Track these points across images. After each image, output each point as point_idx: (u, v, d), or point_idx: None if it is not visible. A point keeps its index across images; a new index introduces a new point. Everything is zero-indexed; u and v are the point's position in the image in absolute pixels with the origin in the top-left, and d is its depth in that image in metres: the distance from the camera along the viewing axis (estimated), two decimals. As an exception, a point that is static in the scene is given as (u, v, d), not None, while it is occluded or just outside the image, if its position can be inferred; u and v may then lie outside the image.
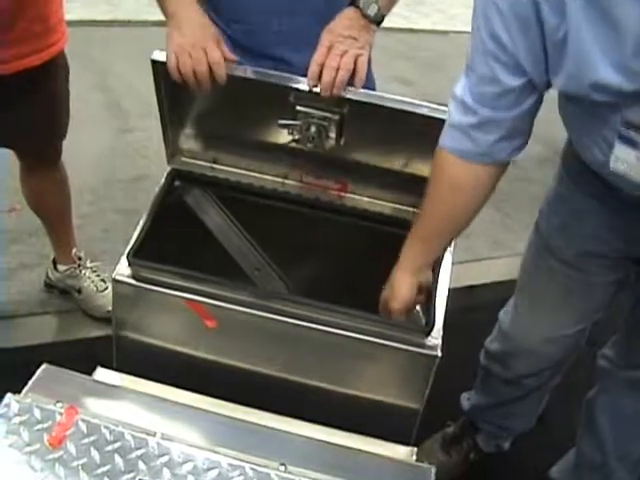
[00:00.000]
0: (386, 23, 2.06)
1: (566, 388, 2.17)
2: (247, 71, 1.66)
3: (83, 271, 2.81)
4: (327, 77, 1.61)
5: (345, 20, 1.70)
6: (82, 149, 3.34)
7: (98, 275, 2.81)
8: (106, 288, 2.78)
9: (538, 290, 1.90)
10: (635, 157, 1.33)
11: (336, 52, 1.66)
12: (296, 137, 1.74)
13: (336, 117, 1.68)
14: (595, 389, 2.03)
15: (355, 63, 1.66)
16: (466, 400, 2.32)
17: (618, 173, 1.38)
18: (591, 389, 2.05)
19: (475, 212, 1.58)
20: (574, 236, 1.74)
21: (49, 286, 2.90)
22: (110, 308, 2.59)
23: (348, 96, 1.62)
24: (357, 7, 1.71)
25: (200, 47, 1.63)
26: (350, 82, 1.66)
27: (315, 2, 1.80)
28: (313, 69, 1.63)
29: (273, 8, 1.80)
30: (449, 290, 1.76)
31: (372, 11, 1.72)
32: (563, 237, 1.77)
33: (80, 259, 2.81)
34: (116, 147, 4.01)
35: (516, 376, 2.04)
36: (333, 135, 1.71)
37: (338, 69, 1.63)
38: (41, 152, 2.49)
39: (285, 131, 1.74)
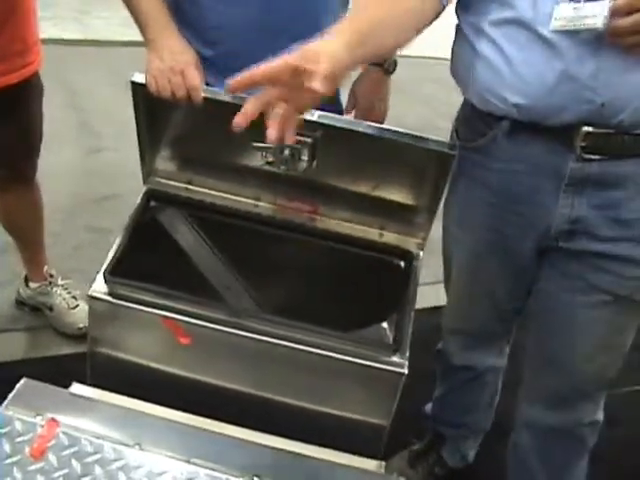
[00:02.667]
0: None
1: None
2: (224, 95, 1.71)
3: (54, 288, 2.82)
4: None
5: (372, 83, 2.21)
6: (53, 168, 3.35)
7: (69, 292, 2.83)
8: (77, 305, 2.79)
9: None
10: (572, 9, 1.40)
11: (372, 118, 2.13)
12: (269, 160, 1.77)
13: (309, 140, 1.71)
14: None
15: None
16: (428, 405, 2.39)
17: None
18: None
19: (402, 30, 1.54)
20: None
21: (20, 303, 2.91)
22: (81, 325, 2.66)
23: (321, 120, 1.67)
24: (381, 68, 2.17)
25: (179, 71, 1.68)
26: None
27: (298, 25, 1.85)
28: None
29: (257, 30, 1.85)
30: (415, 310, 1.81)
31: (392, 67, 2.18)
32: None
33: (52, 276, 2.83)
34: (87, 166, 4.03)
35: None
36: (306, 158, 1.74)
37: None
38: (16, 170, 2.51)
39: (259, 154, 1.78)
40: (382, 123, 2.28)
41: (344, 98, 2.22)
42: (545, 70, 1.46)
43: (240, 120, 1.29)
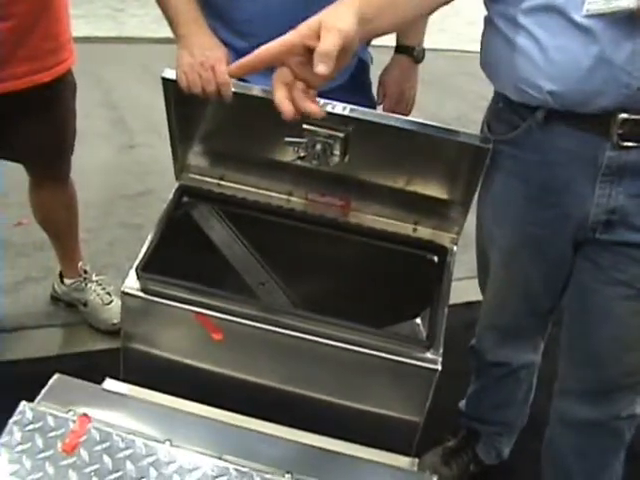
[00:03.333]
0: (388, 42, 2.13)
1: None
2: (254, 89, 1.70)
3: (89, 284, 2.84)
4: None
5: (402, 71, 2.24)
6: (87, 165, 3.37)
7: (103, 288, 2.84)
8: (111, 301, 2.81)
9: None
10: None
11: (401, 107, 2.26)
12: (302, 155, 1.76)
13: (341, 135, 1.70)
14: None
15: None
16: (463, 402, 2.37)
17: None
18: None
19: None
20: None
21: (55, 299, 2.93)
22: (115, 321, 2.67)
23: (353, 115, 1.66)
24: (410, 55, 2.21)
25: (209, 67, 1.68)
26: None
27: None
28: None
29: (289, 20, 1.84)
30: (449, 306, 1.80)
31: (420, 55, 2.21)
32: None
33: (86, 272, 2.84)
34: (121, 163, 4.05)
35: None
36: (338, 153, 1.73)
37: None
38: (51, 168, 2.53)
39: (291, 149, 1.77)
40: (411, 111, 2.32)
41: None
42: (580, 55, 1.44)
43: (288, 111, 1.26)
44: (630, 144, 1.50)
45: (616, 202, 1.58)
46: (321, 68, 1.22)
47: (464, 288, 2.31)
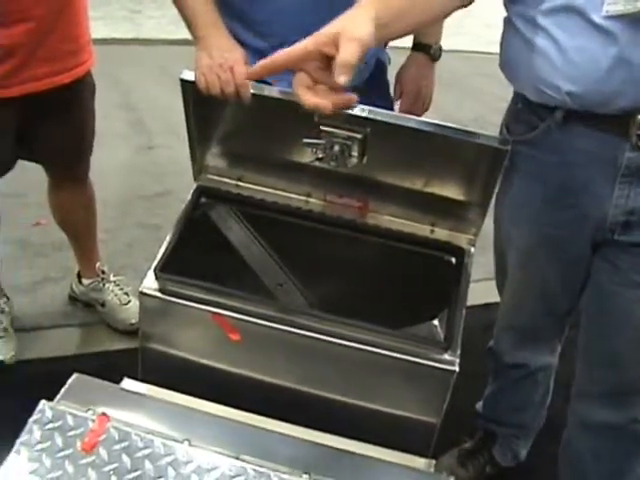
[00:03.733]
0: (407, 43, 2.14)
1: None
2: (273, 91, 1.71)
3: (107, 285, 2.85)
4: None
5: (419, 69, 2.25)
6: (106, 165, 3.39)
7: (121, 289, 2.86)
8: (129, 301, 2.82)
9: None
10: None
11: (418, 105, 2.28)
12: (320, 156, 1.76)
13: (359, 137, 1.70)
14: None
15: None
16: (480, 403, 2.37)
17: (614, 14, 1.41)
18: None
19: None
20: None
21: (73, 299, 2.95)
22: (133, 321, 2.69)
23: (371, 116, 1.66)
24: (427, 53, 2.22)
25: (227, 68, 1.68)
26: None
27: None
28: None
29: (303, 23, 1.85)
30: (466, 307, 1.80)
31: (437, 53, 2.22)
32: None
33: (104, 273, 2.86)
34: (139, 164, 4.07)
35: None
36: (356, 154, 1.72)
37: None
38: (70, 168, 2.55)
39: (309, 150, 1.76)
40: (428, 109, 2.34)
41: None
42: (599, 56, 1.44)
43: (324, 105, 1.32)
44: None
45: (635, 203, 1.57)
46: (342, 79, 1.27)
47: (482, 289, 2.31)
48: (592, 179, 1.60)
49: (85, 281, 2.87)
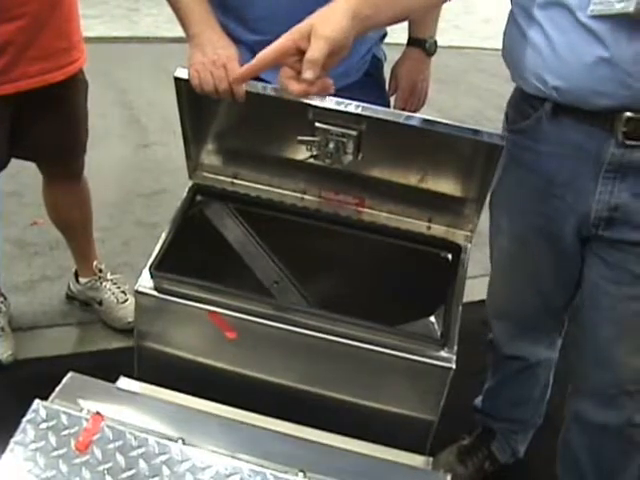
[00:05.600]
0: (403, 39, 2.13)
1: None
2: (267, 88, 1.70)
3: (104, 283, 2.85)
4: None
5: (414, 63, 2.24)
6: (103, 164, 3.39)
7: (119, 287, 2.85)
8: (126, 300, 2.82)
9: None
10: None
11: (414, 100, 2.28)
12: (315, 153, 1.76)
13: (354, 133, 1.69)
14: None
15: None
16: (479, 398, 2.37)
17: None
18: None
19: None
20: None
21: (70, 298, 2.95)
22: (130, 319, 2.68)
23: (365, 113, 1.65)
24: (421, 48, 2.21)
25: (221, 65, 1.68)
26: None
27: None
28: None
29: (298, 19, 1.84)
30: (464, 304, 1.79)
31: (432, 48, 2.21)
32: None
33: (101, 271, 2.86)
34: (136, 162, 4.07)
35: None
36: (351, 151, 1.72)
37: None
38: (64, 166, 2.54)
39: (304, 147, 1.76)
40: (424, 104, 2.34)
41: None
42: (584, 54, 1.45)
43: (302, 89, 1.42)
44: (634, 143, 1.51)
45: (618, 199, 1.58)
46: (308, 74, 1.38)
47: (479, 286, 2.30)
48: (578, 172, 1.61)
49: (82, 280, 2.87)
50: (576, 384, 1.92)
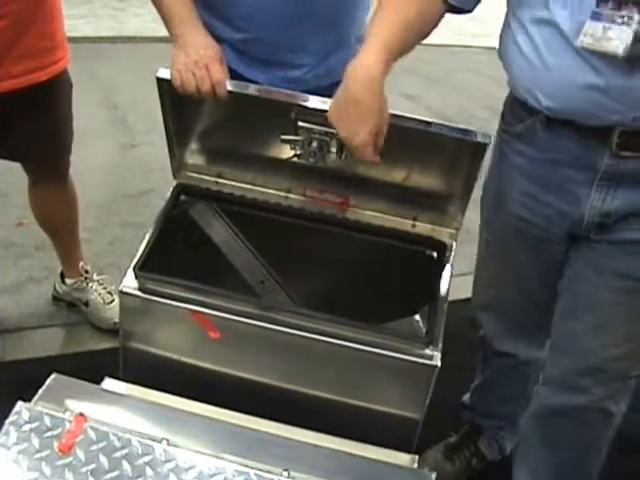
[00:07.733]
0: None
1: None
2: (250, 88, 1.70)
3: (90, 284, 2.84)
4: None
5: None
6: (88, 164, 3.38)
7: (105, 288, 2.84)
8: (113, 300, 2.80)
9: None
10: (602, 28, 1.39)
11: None
12: (298, 152, 1.76)
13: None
14: None
15: None
16: (466, 395, 2.37)
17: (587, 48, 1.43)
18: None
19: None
20: None
21: (57, 299, 2.93)
22: (117, 320, 2.65)
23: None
24: None
25: (203, 65, 1.68)
26: None
27: (320, 9, 1.85)
28: None
29: (281, 17, 1.84)
30: (449, 302, 1.79)
31: None
32: None
33: (87, 272, 2.84)
34: (122, 162, 4.06)
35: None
36: (334, 150, 1.72)
37: None
38: (49, 167, 2.53)
39: (288, 146, 1.77)
40: None
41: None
42: (577, 79, 1.46)
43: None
44: (628, 153, 1.52)
45: (611, 206, 1.59)
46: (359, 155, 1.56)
47: (465, 283, 2.30)
48: (571, 179, 1.61)
49: (68, 281, 2.85)
50: (544, 372, 1.92)
